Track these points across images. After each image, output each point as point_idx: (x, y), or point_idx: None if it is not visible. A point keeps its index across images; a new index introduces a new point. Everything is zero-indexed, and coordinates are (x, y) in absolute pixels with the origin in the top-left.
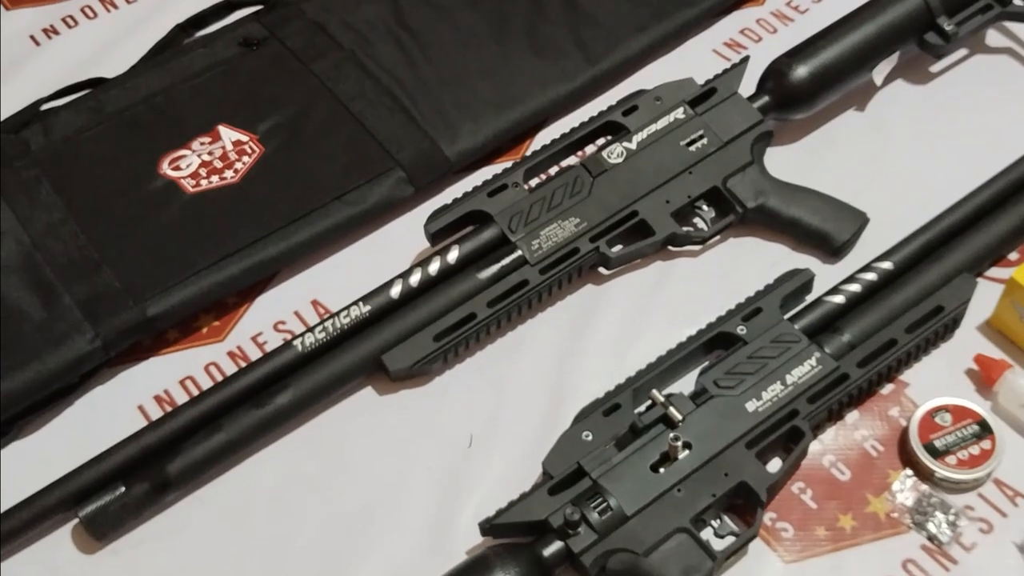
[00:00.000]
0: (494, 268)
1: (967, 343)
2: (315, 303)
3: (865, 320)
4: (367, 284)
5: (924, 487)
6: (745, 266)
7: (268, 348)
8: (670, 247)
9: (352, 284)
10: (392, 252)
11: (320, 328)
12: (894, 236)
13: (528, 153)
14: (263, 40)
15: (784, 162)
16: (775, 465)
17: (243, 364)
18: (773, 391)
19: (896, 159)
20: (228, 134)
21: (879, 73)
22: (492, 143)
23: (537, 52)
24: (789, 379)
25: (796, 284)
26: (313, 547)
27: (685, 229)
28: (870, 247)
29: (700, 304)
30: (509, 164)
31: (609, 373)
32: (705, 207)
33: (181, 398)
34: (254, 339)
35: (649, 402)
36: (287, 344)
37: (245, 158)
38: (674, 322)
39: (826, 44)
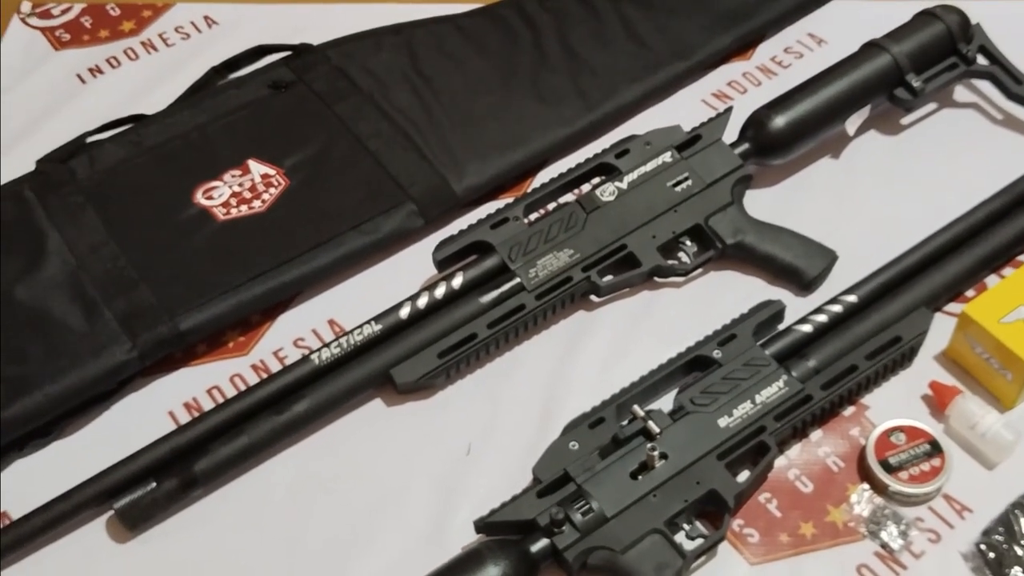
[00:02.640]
0: (494, 293)
1: (924, 371)
2: (331, 322)
3: (830, 347)
4: (379, 306)
5: (879, 500)
6: (723, 297)
7: (288, 362)
8: (656, 278)
9: (365, 306)
10: (402, 277)
11: (335, 344)
12: (860, 272)
13: (529, 190)
14: (291, 83)
15: (762, 203)
16: (744, 476)
17: (265, 376)
18: (743, 409)
19: (865, 202)
20: (257, 168)
21: (852, 124)
22: (497, 180)
23: (540, 98)
24: (758, 399)
25: (768, 313)
26: (323, 540)
27: (670, 262)
28: (838, 282)
29: (681, 330)
30: (511, 200)
31: (596, 390)
32: (688, 242)
33: (208, 405)
34: (275, 353)
35: (631, 416)
36: (305, 358)
37: (272, 190)
38: (657, 346)
39: (803, 97)
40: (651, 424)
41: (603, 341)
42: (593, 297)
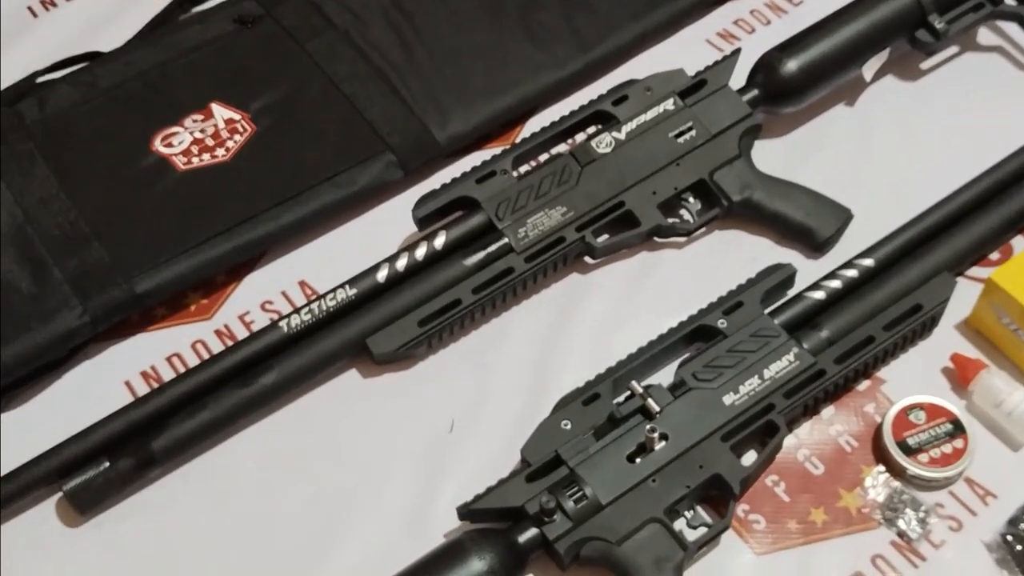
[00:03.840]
0: (480, 255)
1: (945, 342)
2: (302, 284)
3: (844, 317)
4: (354, 266)
5: (896, 484)
6: (729, 259)
7: (255, 327)
8: (655, 238)
9: (339, 266)
10: (380, 235)
11: (306, 310)
12: (877, 232)
13: (518, 140)
14: (258, 18)
15: (771, 156)
16: (750, 458)
17: (230, 343)
18: (750, 385)
19: (883, 155)
20: (221, 112)
21: (869, 68)
22: (483, 129)
23: (530, 38)
24: (767, 373)
25: (778, 279)
26: (294, 526)
27: (671, 220)
28: (853, 243)
29: (683, 295)
30: (499, 150)
31: (591, 361)
32: (691, 199)
33: (168, 375)
34: (241, 318)
35: (628, 393)
36: (273, 325)
37: (237, 137)
38: (657, 313)
39: (817, 38)
40: (650, 402)
41: (598, 307)
42: (587, 259)
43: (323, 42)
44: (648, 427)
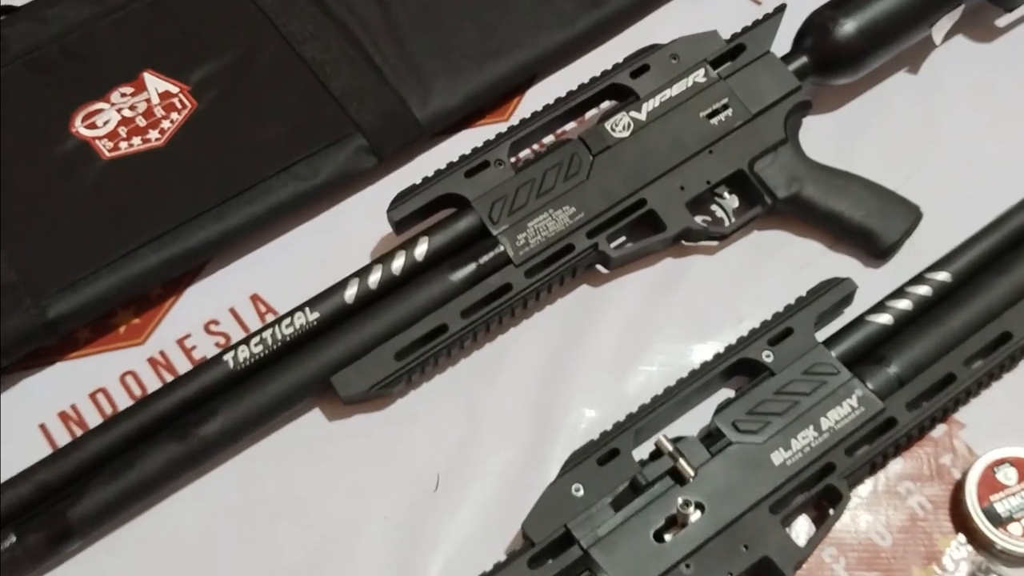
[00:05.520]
0: (470, 267)
1: None
2: (255, 298)
3: (916, 347)
4: (318, 275)
5: (981, 559)
6: (772, 267)
7: (196, 354)
8: (683, 241)
9: (300, 275)
10: (349, 236)
11: (257, 340)
12: (951, 234)
13: (515, 115)
14: None
15: (818, 137)
16: (803, 528)
17: (166, 374)
18: (805, 439)
19: (955, 135)
20: (155, 83)
21: (940, 29)
22: (472, 103)
23: None
24: (824, 423)
25: (835, 299)
26: None
27: (702, 221)
28: (921, 247)
29: (717, 312)
30: (493, 128)
31: (607, 399)
32: (727, 195)
33: (91, 416)
34: (180, 342)
35: (654, 449)
36: (216, 359)
37: (174, 115)
38: (686, 335)
39: None
40: (682, 463)
41: (614, 328)
42: (601, 268)
43: None
44: (681, 501)
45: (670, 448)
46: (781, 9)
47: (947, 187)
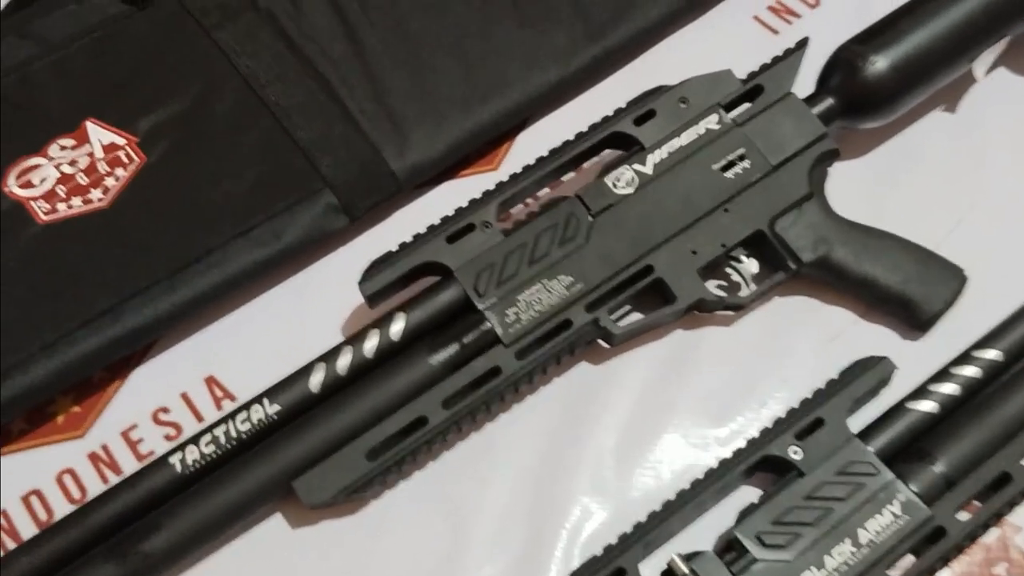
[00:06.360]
0: (453, 348)
1: None
2: (210, 381)
3: (965, 441)
4: (281, 352)
5: None
6: (797, 339)
7: (143, 448)
8: (696, 312)
9: (260, 353)
10: (317, 307)
11: (208, 439)
12: (1000, 299)
13: (504, 164)
14: None
15: (846, 187)
16: None
17: (108, 472)
18: (841, 555)
19: (1001, 181)
20: (98, 134)
21: (982, 63)
22: (456, 152)
23: (522, 20)
24: (863, 536)
25: (870, 383)
26: None
27: (716, 287)
28: (965, 312)
29: (735, 394)
30: (479, 177)
31: (609, 497)
32: (745, 259)
33: (23, 523)
34: (125, 435)
35: (666, 568)
36: (162, 460)
37: (119, 171)
38: (700, 420)
39: (913, 25)
40: None
41: (618, 412)
42: (603, 343)
43: (239, 29)
44: None
45: (684, 570)
46: (803, 44)
47: (994, 243)
